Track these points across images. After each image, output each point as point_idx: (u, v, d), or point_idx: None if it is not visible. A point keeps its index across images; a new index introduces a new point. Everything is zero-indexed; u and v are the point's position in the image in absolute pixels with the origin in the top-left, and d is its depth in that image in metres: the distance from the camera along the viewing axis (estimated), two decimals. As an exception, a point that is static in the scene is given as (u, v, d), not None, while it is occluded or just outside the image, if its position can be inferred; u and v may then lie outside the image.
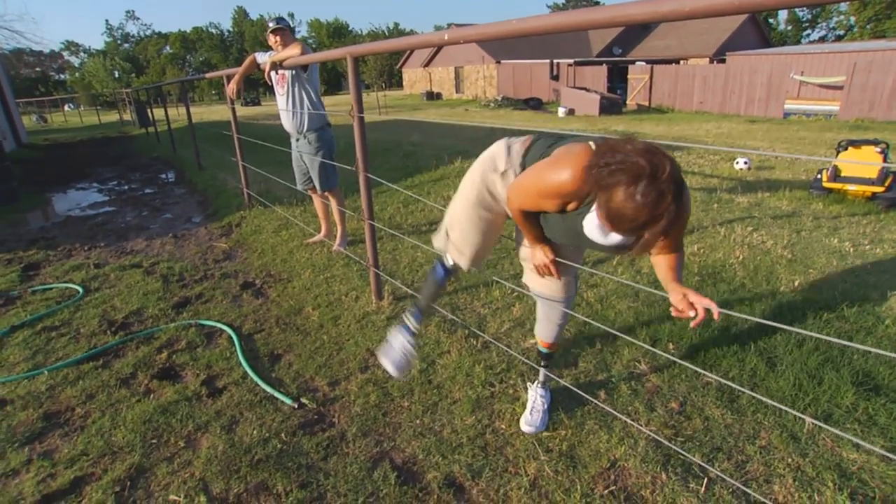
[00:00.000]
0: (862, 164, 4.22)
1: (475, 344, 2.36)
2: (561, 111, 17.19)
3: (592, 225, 1.34)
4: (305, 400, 2.05)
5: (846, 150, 4.51)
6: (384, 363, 1.88)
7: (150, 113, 13.22)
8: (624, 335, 2.07)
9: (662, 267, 1.37)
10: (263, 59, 3.51)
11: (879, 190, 4.20)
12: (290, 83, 3.42)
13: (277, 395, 2.09)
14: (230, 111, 4.53)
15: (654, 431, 1.76)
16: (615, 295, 2.77)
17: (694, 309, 1.26)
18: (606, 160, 1.12)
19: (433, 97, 29.59)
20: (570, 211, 1.38)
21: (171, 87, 24.07)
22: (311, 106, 3.44)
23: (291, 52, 3.20)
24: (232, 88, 3.70)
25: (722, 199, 4.55)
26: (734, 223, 3.86)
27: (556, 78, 23.01)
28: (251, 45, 60.33)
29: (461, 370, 2.16)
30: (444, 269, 1.85)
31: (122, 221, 5.12)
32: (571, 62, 22.08)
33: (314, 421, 1.95)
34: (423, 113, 19.47)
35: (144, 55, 65.76)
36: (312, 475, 1.69)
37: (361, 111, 2.52)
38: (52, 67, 64.00)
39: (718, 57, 21.11)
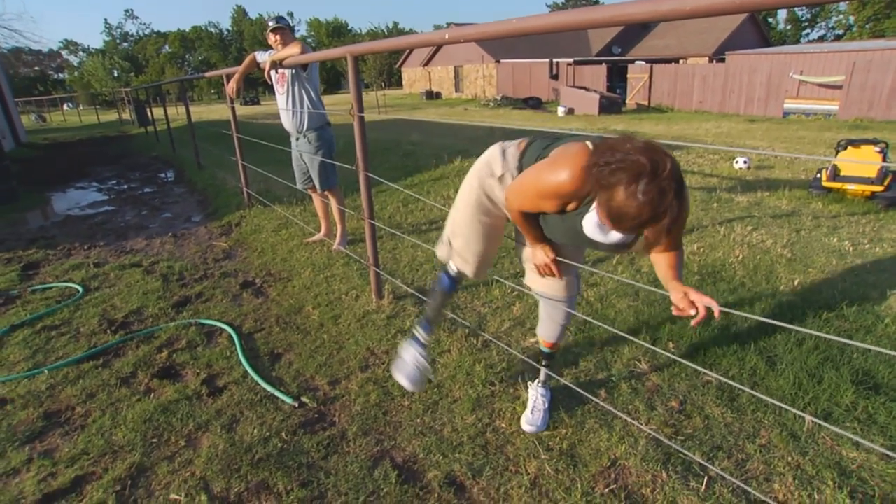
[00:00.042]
0: (861, 162, 4.23)
1: (475, 343, 2.36)
2: (560, 110, 17.20)
3: (592, 224, 1.34)
4: (306, 399, 2.06)
5: (845, 149, 4.51)
6: (398, 378, 1.83)
7: (149, 112, 13.22)
8: (624, 334, 2.07)
9: (662, 266, 1.37)
10: (263, 58, 3.51)
11: (878, 189, 4.21)
12: (289, 82, 3.42)
13: (278, 394, 2.09)
14: (230, 110, 4.53)
15: (654, 430, 1.77)
16: (615, 294, 2.77)
17: (695, 307, 1.26)
18: (606, 159, 1.12)
19: (433, 96, 29.56)
20: (569, 211, 1.38)
21: (170, 86, 24.03)
22: (310, 105, 3.44)
23: (291, 51, 3.20)
24: (232, 87, 3.69)
25: (721, 198, 4.55)
26: (734, 222, 3.87)
27: (555, 77, 23.01)
28: (250, 44, 60.26)
29: (461, 369, 2.16)
30: (449, 278, 1.84)
31: (121, 221, 5.12)
32: (571, 61, 22.08)
33: (315, 420, 1.95)
34: (422, 112, 19.45)
35: (143, 54, 65.67)
36: (313, 474, 1.69)
37: (362, 110, 2.52)
38: (50, 66, 63.91)
39: (718, 56, 21.10)
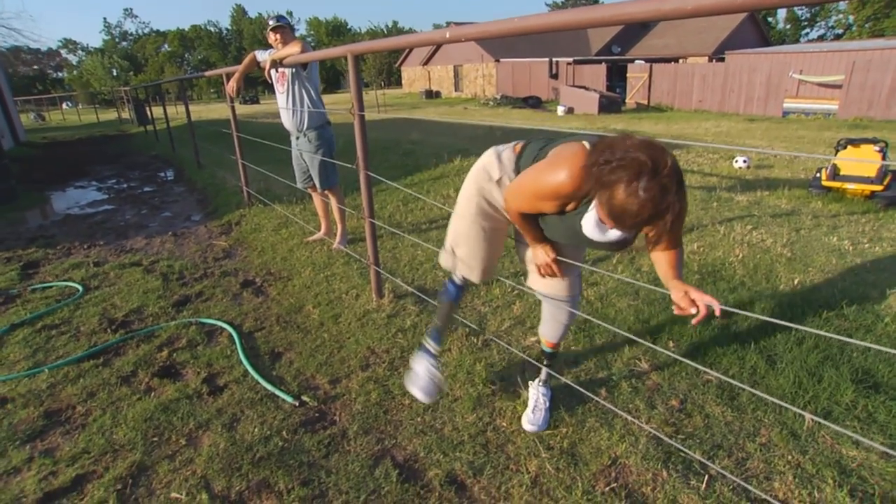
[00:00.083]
0: (861, 161, 4.23)
1: (476, 342, 2.37)
2: (560, 110, 17.20)
3: (591, 223, 1.34)
4: (306, 398, 2.06)
5: (845, 148, 4.52)
6: (413, 391, 1.83)
7: (148, 111, 13.20)
8: (624, 333, 2.07)
9: (663, 264, 1.37)
10: (263, 57, 3.51)
11: (878, 188, 4.21)
12: (290, 81, 3.42)
13: (278, 393, 2.09)
14: (230, 109, 4.52)
15: (654, 429, 1.77)
16: (615, 293, 2.77)
17: (696, 306, 1.26)
18: (606, 157, 1.12)
19: (432, 96, 29.54)
20: (568, 211, 1.38)
21: (169, 85, 24.01)
22: (311, 104, 3.44)
23: (292, 50, 3.20)
24: (232, 86, 3.69)
25: (721, 197, 4.55)
26: (734, 221, 3.87)
27: (555, 76, 23.01)
28: (249, 43, 60.22)
29: (462, 368, 2.16)
30: (455, 286, 1.84)
31: (121, 220, 5.12)
32: (570, 61, 22.08)
33: (315, 419, 1.95)
34: (422, 111, 19.44)
35: (143, 53, 65.59)
36: (314, 473, 1.69)
37: (362, 109, 2.52)
38: (49, 65, 63.77)
39: (717, 56, 21.11)
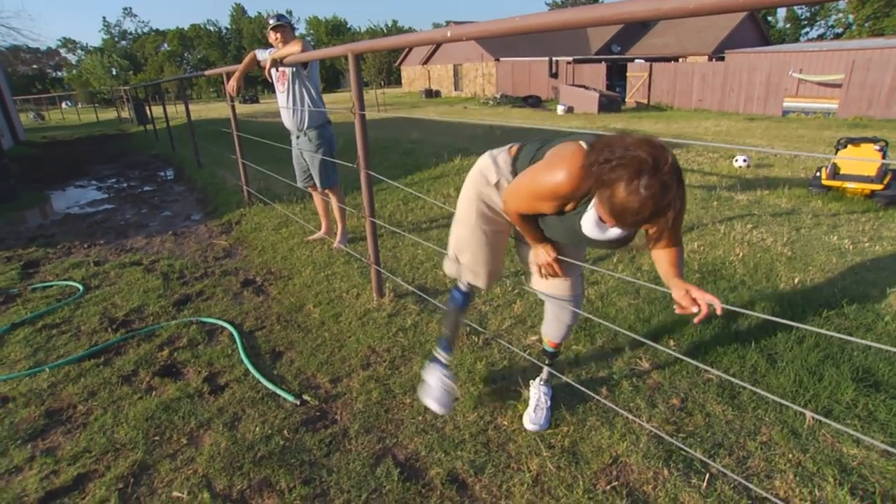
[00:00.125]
0: (861, 160, 4.23)
1: (476, 341, 2.37)
2: (560, 109, 17.19)
3: (590, 222, 1.34)
4: (307, 397, 2.06)
5: (845, 147, 4.52)
6: (427, 403, 1.81)
7: (148, 110, 13.20)
8: (625, 332, 2.07)
9: (663, 263, 1.37)
10: (264, 56, 3.51)
11: (878, 188, 4.21)
12: (290, 80, 3.42)
13: (279, 392, 2.09)
14: (230, 108, 4.52)
15: (655, 427, 1.77)
16: (616, 292, 2.77)
17: (697, 305, 1.26)
18: (605, 156, 1.12)
19: (432, 95, 29.54)
20: (567, 211, 1.38)
21: (169, 84, 24.00)
22: (311, 103, 3.44)
23: (292, 49, 3.20)
24: (232, 86, 3.69)
25: (721, 196, 4.56)
26: (734, 221, 3.87)
27: (554, 76, 23.00)
28: (249, 42, 60.17)
29: (463, 367, 2.17)
30: (461, 294, 1.84)
31: (121, 219, 5.12)
32: (570, 60, 22.07)
33: (316, 418, 1.95)
34: (422, 111, 19.44)
35: (142, 52, 65.51)
36: (315, 472, 1.69)
37: (363, 108, 2.52)
38: (49, 65, 63.79)
39: (717, 55, 21.10)
